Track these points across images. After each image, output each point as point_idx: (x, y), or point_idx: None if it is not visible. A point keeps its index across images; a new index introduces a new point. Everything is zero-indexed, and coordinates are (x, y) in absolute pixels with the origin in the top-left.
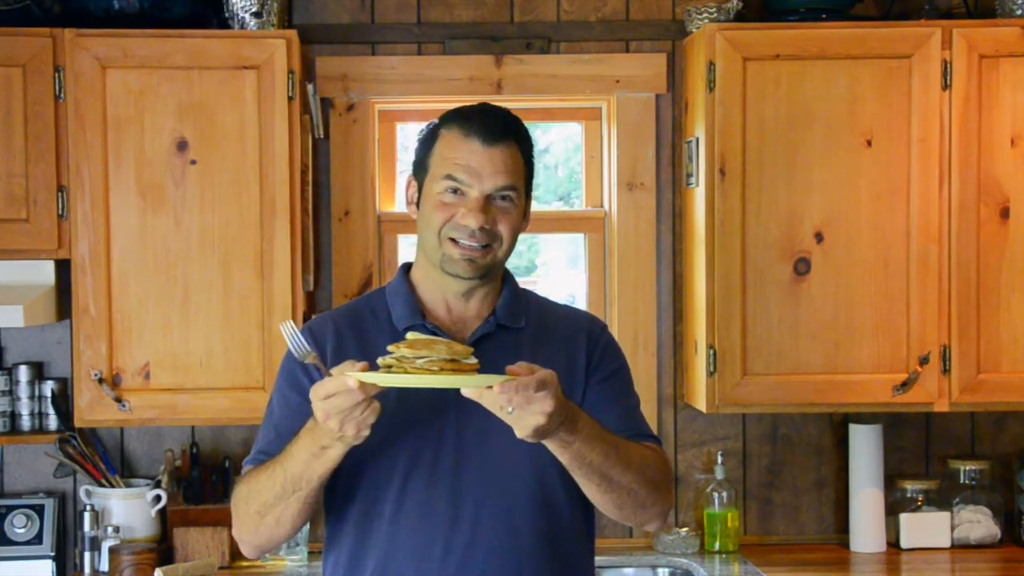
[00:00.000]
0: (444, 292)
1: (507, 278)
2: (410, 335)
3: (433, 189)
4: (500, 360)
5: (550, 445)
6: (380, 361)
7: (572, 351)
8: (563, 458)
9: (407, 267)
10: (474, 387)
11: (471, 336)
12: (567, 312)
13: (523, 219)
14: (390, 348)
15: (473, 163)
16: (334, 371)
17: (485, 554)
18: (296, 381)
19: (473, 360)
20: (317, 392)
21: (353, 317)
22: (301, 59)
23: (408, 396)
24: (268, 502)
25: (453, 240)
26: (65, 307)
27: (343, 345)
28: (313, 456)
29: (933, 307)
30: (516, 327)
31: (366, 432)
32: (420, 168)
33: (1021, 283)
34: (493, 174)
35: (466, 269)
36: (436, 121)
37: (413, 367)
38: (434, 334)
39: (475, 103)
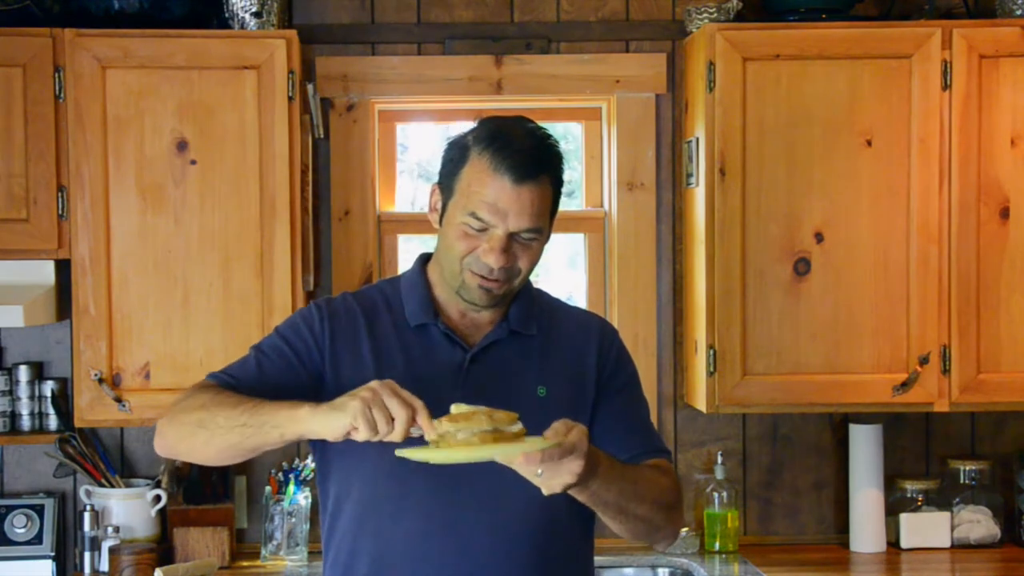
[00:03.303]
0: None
1: None
2: (454, 408)
3: (456, 216)
4: (509, 367)
5: (569, 489)
6: (427, 437)
7: (582, 360)
8: (580, 497)
9: (425, 259)
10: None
11: (482, 341)
12: (579, 317)
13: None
14: (434, 423)
15: (500, 203)
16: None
17: (484, 555)
18: (301, 341)
19: (517, 427)
20: (392, 384)
21: (369, 305)
22: (301, 59)
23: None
24: (216, 421)
25: (472, 271)
26: (65, 307)
27: (357, 334)
28: (290, 408)
29: (933, 307)
30: (528, 334)
31: (349, 419)
32: (446, 184)
33: (1021, 283)
34: (519, 215)
35: (482, 298)
36: (469, 134)
37: (455, 440)
38: (446, 335)
39: (511, 117)
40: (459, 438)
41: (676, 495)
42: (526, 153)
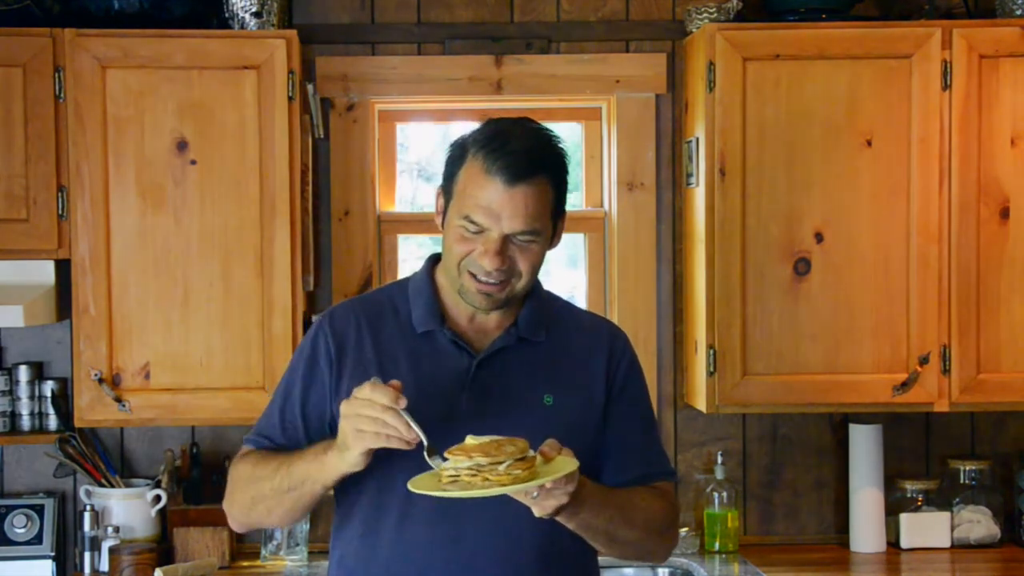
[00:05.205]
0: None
1: (532, 287)
2: (469, 439)
3: (454, 219)
4: (516, 374)
5: (558, 517)
6: (445, 469)
7: (591, 369)
8: (570, 525)
9: (434, 260)
10: (524, 491)
11: (490, 347)
12: (589, 323)
13: (551, 243)
14: (457, 454)
15: (494, 204)
16: (368, 384)
17: (490, 560)
18: (307, 373)
19: (531, 452)
20: (361, 390)
21: (374, 312)
22: (301, 59)
23: (416, 407)
24: (264, 493)
25: (471, 274)
26: (65, 307)
27: (361, 342)
28: (315, 459)
29: (933, 307)
30: (536, 340)
31: (359, 448)
32: (446, 186)
33: (1021, 283)
34: (512, 217)
35: (483, 302)
36: (469, 136)
37: (496, 474)
38: (453, 342)
39: (512, 117)
40: (500, 471)
41: (670, 519)
42: (520, 154)
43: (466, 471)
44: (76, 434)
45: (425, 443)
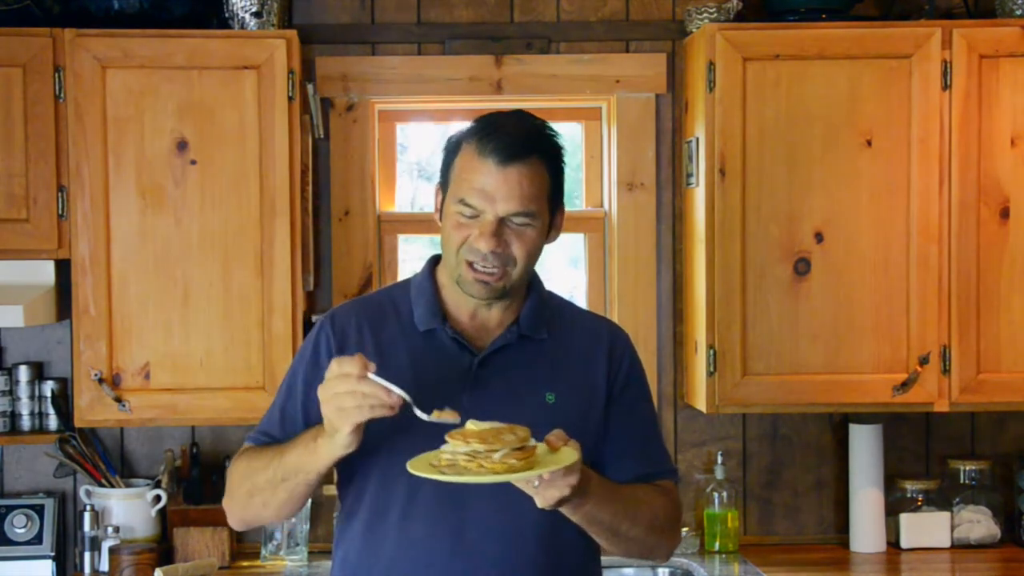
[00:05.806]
0: (467, 299)
1: (533, 285)
2: (470, 424)
3: (451, 207)
4: (517, 372)
5: (562, 508)
6: (443, 452)
7: (592, 367)
8: (574, 518)
9: (435, 261)
10: (525, 480)
11: (491, 345)
12: (591, 322)
13: (548, 233)
14: (456, 438)
15: (488, 186)
16: (340, 360)
17: (492, 559)
18: (308, 372)
19: (533, 442)
20: (329, 370)
21: (375, 312)
22: (301, 59)
23: (417, 405)
24: (259, 485)
25: (469, 263)
26: (65, 307)
27: (363, 341)
28: (305, 447)
29: (933, 307)
30: (538, 338)
31: (347, 427)
32: (443, 179)
33: (1021, 283)
34: (507, 198)
35: (480, 291)
36: (465, 130)
37: (490, 462)
38: (454, 340)
39: (506, 110)
40: (495, 459)
41: (673, 517)
42: (513, 136)
43: (463, 456)
44: (76, 434)
45: (408, 399)
